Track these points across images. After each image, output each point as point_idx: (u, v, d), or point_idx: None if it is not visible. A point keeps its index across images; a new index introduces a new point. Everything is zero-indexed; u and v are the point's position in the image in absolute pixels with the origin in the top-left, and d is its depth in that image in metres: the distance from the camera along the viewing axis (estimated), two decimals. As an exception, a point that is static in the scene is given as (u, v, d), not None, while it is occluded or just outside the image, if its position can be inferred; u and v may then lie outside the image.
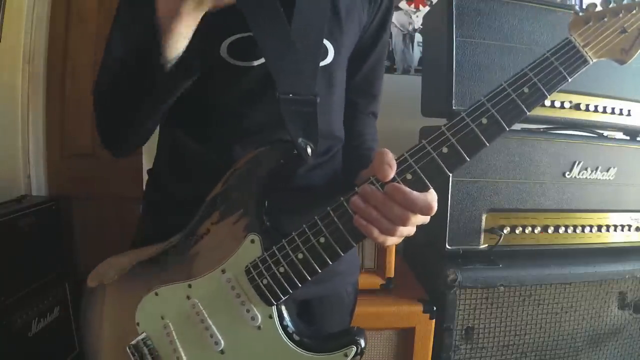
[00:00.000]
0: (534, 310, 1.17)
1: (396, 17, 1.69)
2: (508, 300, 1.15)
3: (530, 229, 1.15)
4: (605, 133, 1.28)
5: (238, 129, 0.69)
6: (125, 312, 0.68)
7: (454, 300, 1.11)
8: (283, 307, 0.63)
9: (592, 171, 1.18)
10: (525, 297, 1.16)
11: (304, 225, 0.60)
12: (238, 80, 0.68)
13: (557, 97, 1.16)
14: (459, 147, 0.56)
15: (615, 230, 1.23)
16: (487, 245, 1.14)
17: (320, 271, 0.60)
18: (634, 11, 0.59)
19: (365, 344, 0.63)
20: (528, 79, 0.56)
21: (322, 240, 0.59)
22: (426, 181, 0.56)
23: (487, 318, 1.15)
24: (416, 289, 1.21)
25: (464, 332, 1.15)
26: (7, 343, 1.42)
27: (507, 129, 0.56)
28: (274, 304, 0.62)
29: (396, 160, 0.56)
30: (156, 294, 0.66)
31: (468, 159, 0.56)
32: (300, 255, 0.60)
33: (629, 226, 1.25)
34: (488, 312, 1.15)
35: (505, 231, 1.13)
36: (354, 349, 0.61)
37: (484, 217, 1.13)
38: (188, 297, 0.64)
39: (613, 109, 1.21)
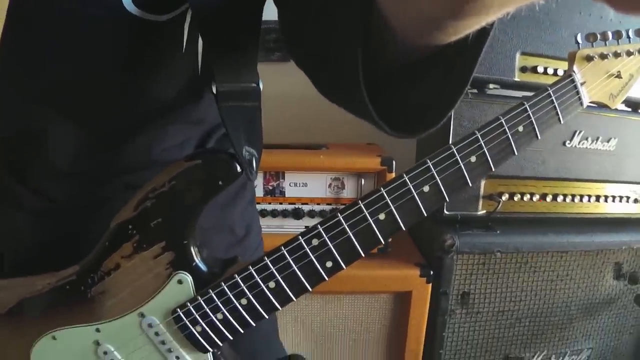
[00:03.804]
0: (530, 277, 1.18)
1: None
2: (504, 266, 1.16)
3: (528, 196, 1.15)
4: (607, 103, 1.28)
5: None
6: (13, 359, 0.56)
7: (451, 265, 1.12)
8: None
9: (592, 141, 1.18)
10: (521, 264, 1.17)
11: (251, 268, 0.51)
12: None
13: (558, 65, 1.15)
14: (441, 186, 0.50)
15: (613, 201, 1.23)
16: (485, 211, 1.14)
17: (267, 317, 0.53)
18: (632, 56, 0.58)
19: None
20: (526, 117, 0.52)
21: (272, 285, 0.51)
22: (400, 224, 0.50)
23: (483, 284, 1.16)
24: (413, 253, 1.22)
25: (459, 296, 1.16)
26: None
27: (493, 171, 0.52)
28: (209, 351, 0.54)
29: (370, 197, 0.50)
30: (54, 337, 0.54)
31: (447, 200, 0.51)
32: (244, 301, 0.52)
33: (627, 198, 1.25)
34: (484, 278, 1.16)
35: (503, 198, 1.13)
36: None
37: (482, 184, 1.13)
38: (97, 343, 0.54)
39: (615, 79, 1.20)
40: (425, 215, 0.51)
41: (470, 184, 0.52)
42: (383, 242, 0.51)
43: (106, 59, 0.51)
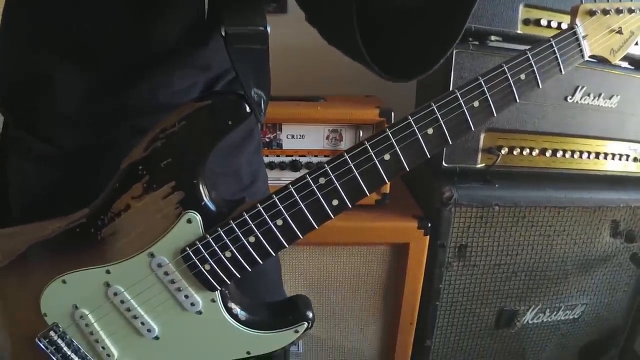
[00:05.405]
0: (527, 232, 1.19)
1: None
2: (502, 220, 1.17)
3: (528, 150, 1.14)
4: (610, 60, 1.26)
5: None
6: (23, 305, 0.57)
7: (449, 217, 1.13)
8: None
9: (594, 97, 1.17)
10: (519, 218, 1.17)
11: (259, 206, 0.51)
12: None
13: (562, 18, 1.13)
14: (445, 129, 0.51)
15: (613, 158, 1.23)
16: (484, 164, 1.14)
17: (274, 254, 0.53)
18: (634, 14, 0.59)
19: (313, 316, 0.59)
20: (528, 66, 0.53)
21: (279, 222, 0.52)
22: (404, 164, 0.51)
23: (480, 237, 1.17)
24: (411, 205, 1.22)
25: (457, 249, 1.17)
26: None
27: (495, 116, 0.53)
28: (218, 289, 0.55)
29: (376, 138, 0.50)
30: (64, 281, 0.55)
31: (450, 143, 0.52)
32: (252, 239, 0.52)
33: (627, 156, 1.25)
34: (482, 231, 1.17)
35: (503, 151, 1.12)
36: (305, 325, 0.58)
37: (482, 136, 1.12)
38: (107, 285, 0.55)
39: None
40: (429, 156, 0.52)
41: (473, 129, 0.53)
42: (387, 182, 0.52)
43: (111, 1, 0.51)
